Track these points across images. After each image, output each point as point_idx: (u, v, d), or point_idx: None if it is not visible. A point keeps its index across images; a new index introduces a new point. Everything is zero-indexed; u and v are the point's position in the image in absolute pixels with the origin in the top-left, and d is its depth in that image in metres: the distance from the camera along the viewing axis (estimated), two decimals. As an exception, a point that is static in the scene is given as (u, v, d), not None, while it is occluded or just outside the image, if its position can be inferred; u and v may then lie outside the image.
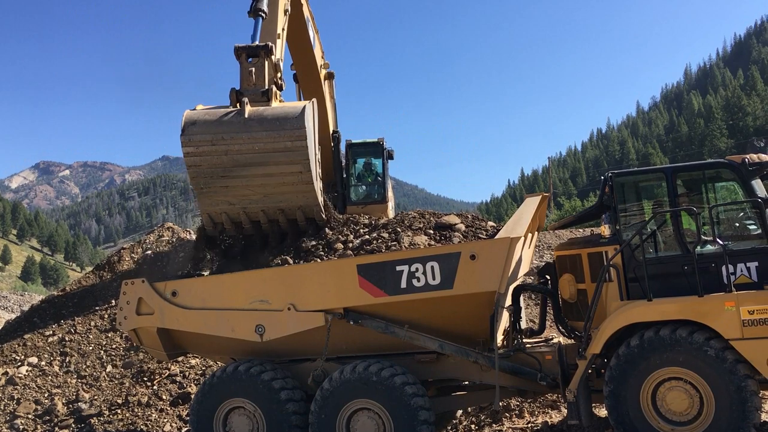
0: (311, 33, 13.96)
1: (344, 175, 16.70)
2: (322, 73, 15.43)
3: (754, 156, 7.45)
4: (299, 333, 8.41)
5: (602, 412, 8.51)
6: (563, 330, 8.51)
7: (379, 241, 9.22)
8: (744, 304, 6.76)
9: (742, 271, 7.10)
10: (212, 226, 9.08)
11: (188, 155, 8.74)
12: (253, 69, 9.71)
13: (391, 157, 17.38)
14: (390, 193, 17.54)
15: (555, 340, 8.78)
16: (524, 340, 8.50)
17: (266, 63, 9.75)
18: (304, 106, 8.82)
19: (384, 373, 7.95)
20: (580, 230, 17.80)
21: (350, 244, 9.43)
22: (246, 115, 9.18)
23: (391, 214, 15.96)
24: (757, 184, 7.47)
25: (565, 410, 9.57)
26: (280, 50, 10.46)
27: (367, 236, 9.56)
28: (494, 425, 9.74)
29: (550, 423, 9.32)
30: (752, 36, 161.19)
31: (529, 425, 9.50)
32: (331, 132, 16.15)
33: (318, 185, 8.93)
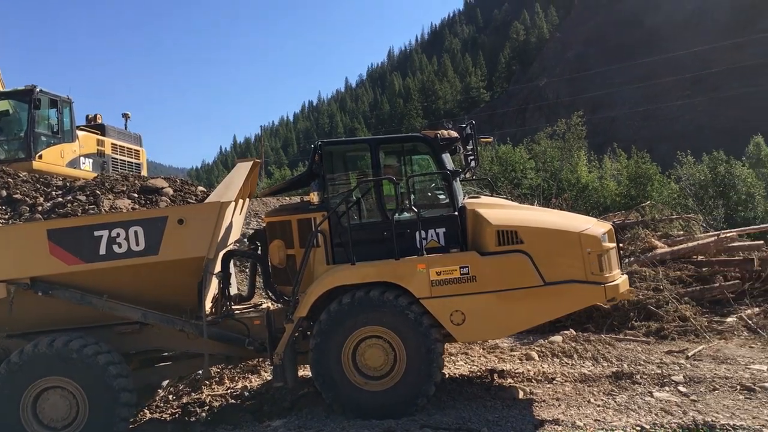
0: None
1: None
2: None
3: (445, 132, 8.19)
4: (-27, 308, 7.35)
5: (305, 373, 8.84)
6: (272, 295, 8.62)
7: (75, 204, 8.36)
8: (433, 266, 7.46)
9: (432, 236, 7.81)
10: None
11: None
12: None
13: (45, 105, 14.94)
14: (75, 146, 15.40)
15: (264, 306, 8.87)
16: (233, 307, 8.45)
17: None
18: None
19: (81, 349, 7.32)
20: (289, 197, 18.14)
21: (39, 208, 8.42)
22: None
23: (77, 170, 14.24)
24: (447, 158, 8.26)
25: (265, 374, 9.80)
26: None
27: (61, 199, 8.63)
28: (193, 394, 9.61)
29: (249, 387, 9.46)
30: (446, 27, 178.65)
31: (229, 391, 9.54)
32: None
33: None
